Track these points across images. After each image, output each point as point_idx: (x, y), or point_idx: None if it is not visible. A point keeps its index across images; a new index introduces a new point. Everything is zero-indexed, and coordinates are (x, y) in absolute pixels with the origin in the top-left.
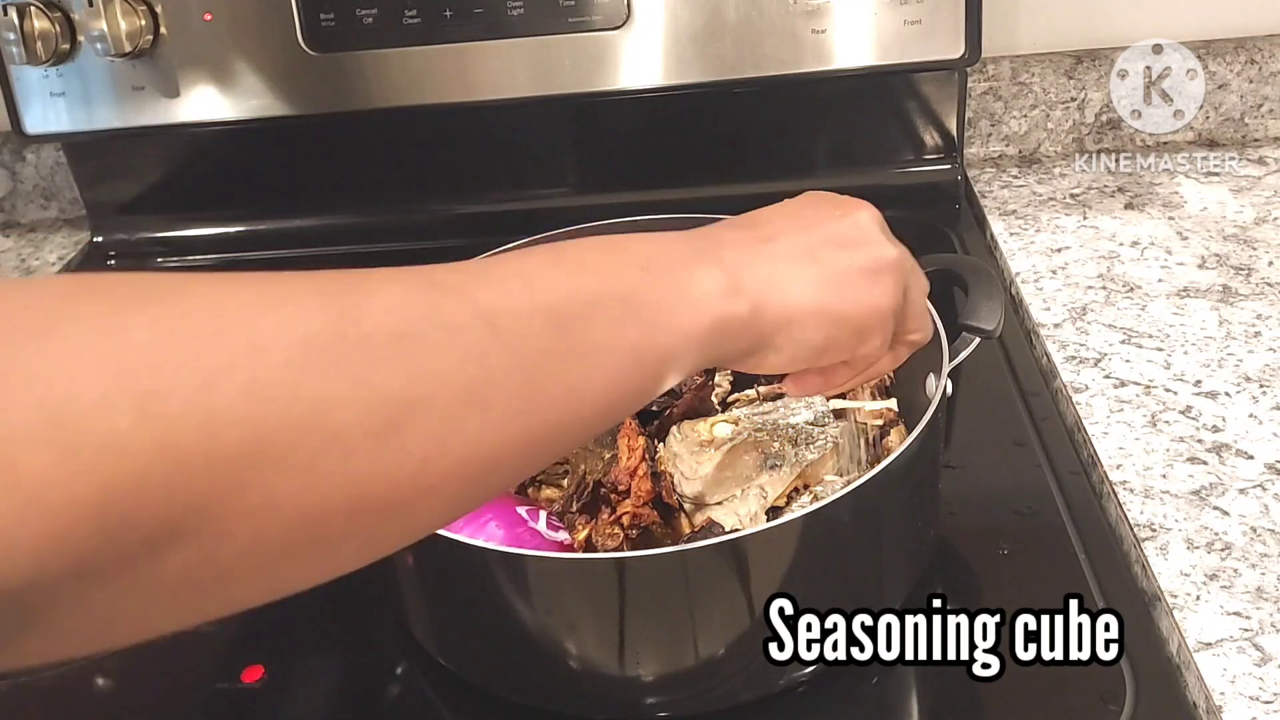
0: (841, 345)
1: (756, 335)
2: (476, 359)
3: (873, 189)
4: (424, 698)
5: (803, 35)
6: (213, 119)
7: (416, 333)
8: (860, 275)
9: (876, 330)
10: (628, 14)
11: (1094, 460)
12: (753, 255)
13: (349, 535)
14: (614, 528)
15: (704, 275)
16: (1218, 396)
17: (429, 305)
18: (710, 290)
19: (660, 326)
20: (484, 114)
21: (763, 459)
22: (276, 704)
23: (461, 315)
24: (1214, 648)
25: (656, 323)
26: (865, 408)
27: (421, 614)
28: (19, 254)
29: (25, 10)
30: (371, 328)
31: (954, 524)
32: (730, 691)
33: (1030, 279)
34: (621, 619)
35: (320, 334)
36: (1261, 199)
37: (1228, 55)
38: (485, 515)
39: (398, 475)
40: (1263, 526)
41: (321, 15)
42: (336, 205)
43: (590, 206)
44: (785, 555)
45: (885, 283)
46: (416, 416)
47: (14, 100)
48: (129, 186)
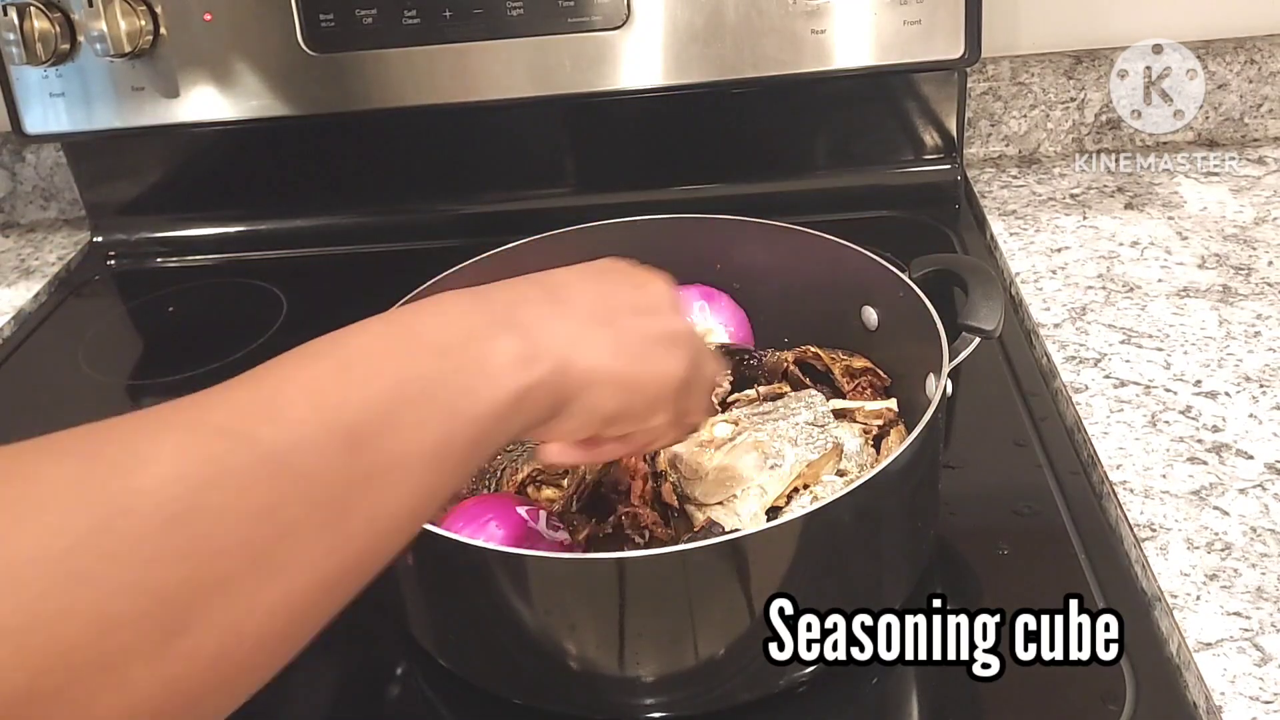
0: (633, 415)
1: (557, 400)
2: (267, 515)
3: (872, 189)
4: (424, 698)
5: (803, 35)
6: (213, 119)
7: (197, 506)
8: (656, 343)
9: (665, 403)
10: (628, 14)
11: (1094, 460)
12: (548, 316)
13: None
14: (614, 528)
15: (503, 346)
16: (1218, 396)
17: (208, 463)
18: (508, 361)
19: (463, 414)
20: (484, 114)
21: (763, 459)
22: (276, 704)
23: (247, 464)
24: (1214, 648)
25: (459, 412)
26: (865, 408)
27: (421, 614)
28: (19, 254)
29: (25, 10)
30: (143, 516)
31: (954, 524)
32: (730, 691)
33: (1030, 279)
34: (621, 619)
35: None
36: (1261, 199)
37: (1228, 55)
38: (485, 515)
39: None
40: (1263, 526)
41: (321, 15)
42: (336, 205)
43: (590, 206)
44: (785, 555)
45: (678, 354)
46: (202, 609)
47: (14, 100)
48: (129, 186)
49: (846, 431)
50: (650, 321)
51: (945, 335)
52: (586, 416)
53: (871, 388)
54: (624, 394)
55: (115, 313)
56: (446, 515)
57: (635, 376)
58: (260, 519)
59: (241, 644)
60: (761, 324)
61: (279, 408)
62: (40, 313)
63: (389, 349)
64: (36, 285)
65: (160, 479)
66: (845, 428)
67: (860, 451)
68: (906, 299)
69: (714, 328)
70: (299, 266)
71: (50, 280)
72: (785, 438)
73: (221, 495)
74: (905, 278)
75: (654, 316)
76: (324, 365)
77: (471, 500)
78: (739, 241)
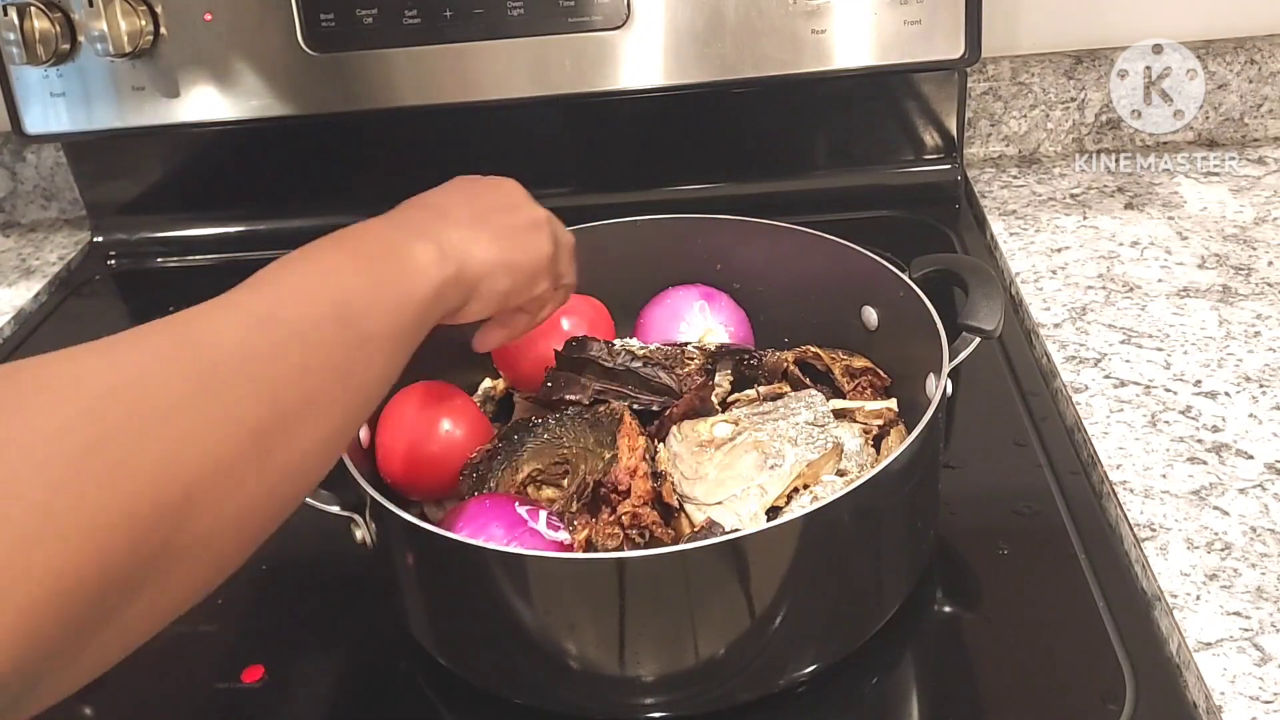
0: (521, 289)
1: (465, 289)
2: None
3: (873, 189)
4: (424, 698)
5: (803, 35)
6: (213, 119)
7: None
8: (523, 230)
9: (544, 274)
10: (628, 14)
11: (1094, 460)
12: (441, 228)
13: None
14: (614, 528)
15: (421, 250)
16: (1218, 396)
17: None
18: (427, 262)
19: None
20: (484, 114)
21: (763, 459)
22: (276, 704)
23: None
24: (1214, 647)
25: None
26: (865, 408)
27: (421, 614)
28: (19, 254)
29: (25, 10)
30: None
31: (954, 524)
32: (730, 691)
33: (1030, 279)
34: (621, 619)
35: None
36: (1261, 199)
37: (1228, 55)
38: (485, 515)
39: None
40: (1263, 526)
41: (321, 15)
42: (337, 205)
43: (590, 206)
44: (785, 555)
45: (541, 235)
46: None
47: (14, 100)
48: (129, 186)
49: (846, 431)
50: (515, 215)
51: (945, 335)
52: (489, 297)
53: (871, 388)
54: (511, 274)
55: (115, 313)
56: (447, 515)
57: (516, 259)
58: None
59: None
60: (761, 324)
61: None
62: (40, 312)
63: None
64: (37, 285)
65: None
66: (845, 428)
67: (860, 451)
68: (906, 299)
69: (714, 328)
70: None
71: (50, 280)
72: (785, 438)
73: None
74: (905, 278)
75: (517, 211)
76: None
77: (471, 500)
78: (739, 241)
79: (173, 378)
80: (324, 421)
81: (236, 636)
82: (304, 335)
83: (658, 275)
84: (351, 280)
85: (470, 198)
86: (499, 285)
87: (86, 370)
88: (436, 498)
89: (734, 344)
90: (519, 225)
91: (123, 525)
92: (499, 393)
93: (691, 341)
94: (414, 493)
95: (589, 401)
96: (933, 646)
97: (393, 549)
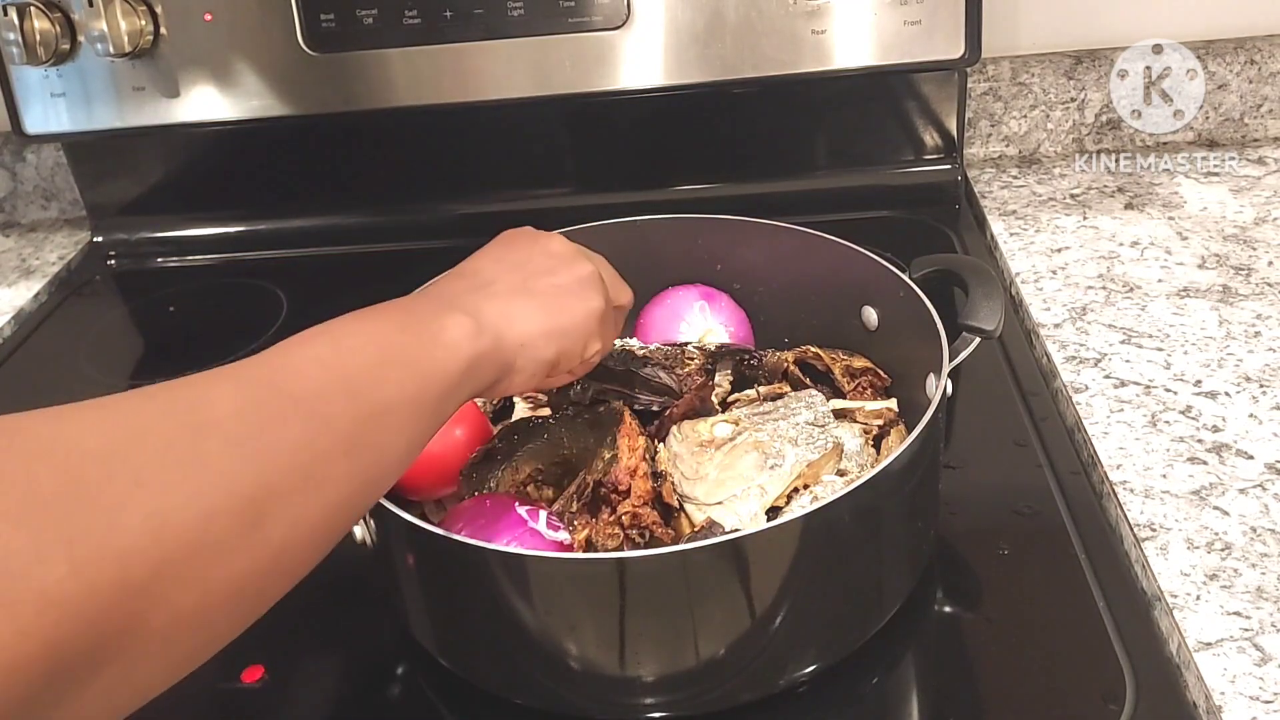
0: (571, 355)
1: (502, 363)
2: (306, 444)
3: (873, 189)
4: (424, 698)
5: (803, 35)
6: (213, 119)
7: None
8: (570, 293)
9: (595, 335)
10: (628, 14)
11: (1094, 460)
12: (480, 299)
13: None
14: (614, 528)
15: (453, 322)
16: (1218, 396)
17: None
18: (459, 335)
19: (430, 375)
20: (484, 114)
21: (763, 459)
22: (276, 704)
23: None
24: (1214, 647)
25: (427, 373)
26: (865, 408)
27: (421, 614)
28: (19, 254)
29: (25, 10)
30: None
31: (954, 524)
32: (730, 691)
33: (1030, 279)
34: (621, 619)
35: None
36: (1261, 199)
37: (1228, 55)
38: (485, 515)
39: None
40: (1263, 526)
41: (321, 15)
42: (336, 205)
43: (590, 206)
44: (785, 555)
45: (591, 293)
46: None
47: (14, 100)
48: (129, 186)
49: (846, 431)
50: (559, 276)
51: (945, 335)
52: (533, 368)
53: (872, 388)
54: (557, 341)
55: (115, 312)
56: (447, 515)
57: (562, 325)
58: (301, 446)
59: (298, 540)
60: (761, 324)
61: (290, 370)
62: (40, 312)
63: (365, 330)
64: (37, 285)
65: (225, 413)
66: (845, 428)
67: (860, 451)
68: (906, 299)
69: (714, 328)
70: (299, 266)
71: (51, 280)
72: (785, 438)
73: (271, 427)
74: (905, 278)
75: (561, 271)
76: (321, 342)
77: (471, 500)
78: (739, 241)
79: (157, 444)
80: (327, 494)
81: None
82: (307, 406)
83: (658, 275)
84: (369, 353)
85: (513, 264)
86: (543, 355)
87: (68, 431)
88: (436, 498)
89: (734, 344)
90: (564, 287)
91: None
92: None
93: (691, 341)
94: (414, 493)
95: (589, 401)
96: (933, 646)
97: (393, 549)
